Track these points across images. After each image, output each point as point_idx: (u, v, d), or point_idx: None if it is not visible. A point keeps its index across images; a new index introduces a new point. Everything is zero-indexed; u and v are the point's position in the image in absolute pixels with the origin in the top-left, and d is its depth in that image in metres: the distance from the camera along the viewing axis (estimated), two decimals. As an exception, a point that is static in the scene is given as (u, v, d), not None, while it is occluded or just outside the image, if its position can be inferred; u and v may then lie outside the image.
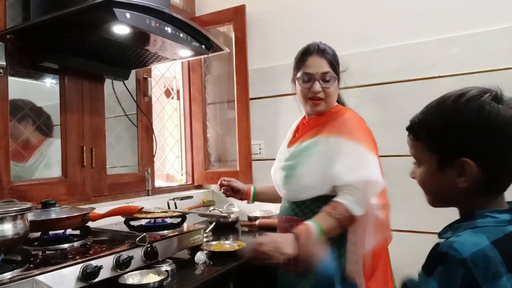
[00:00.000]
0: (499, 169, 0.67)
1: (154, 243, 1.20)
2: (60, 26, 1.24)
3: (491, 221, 0.66)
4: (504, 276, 0.59)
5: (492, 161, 0.66)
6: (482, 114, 0.67)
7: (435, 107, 0.74)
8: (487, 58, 1.63)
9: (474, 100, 0.70)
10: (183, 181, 2.35)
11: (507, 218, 0.66)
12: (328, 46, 1.38)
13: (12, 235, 0.91)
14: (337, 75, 1.35)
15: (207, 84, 2.38)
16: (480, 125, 0.66)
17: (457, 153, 0.68)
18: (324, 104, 1.35)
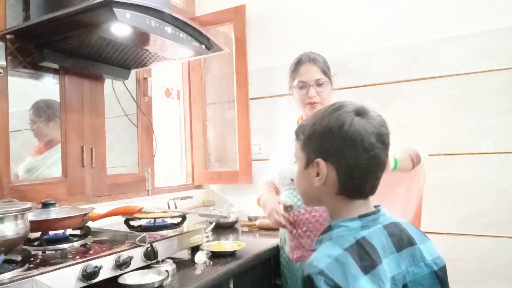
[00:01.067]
0: (348, 173, 0.75)
1: (154, 243, 1.20)
2: (60, 26, 1.23)
3: (344, 230, 0.74)
4: (361, 278, 0.65)
5: (342, 164, 0.75)
6: (339, 123, 0.75)
7: (316, 113, 0.83)
8: (487, 58, 1.63)
9: (341, 111, 0.77)
10: (183, 181, 2.35)
11: (358, 225, 0.74)
12: (318, 54, 1.49)
13: (12, 235, 0.91)
14: (329, 79, 1.47)
15: (207, 84, 2.38)
16: (335, 132, 0.75)
17: (317, 155, 0.77)
18: (320, 106, 1.43)
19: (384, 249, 0.71)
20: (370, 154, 0.73)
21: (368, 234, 0.73)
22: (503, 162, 1.60)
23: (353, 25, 1.91)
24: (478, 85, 1.64)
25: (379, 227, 0.75)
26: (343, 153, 0.74)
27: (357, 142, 0.73)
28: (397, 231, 0.76)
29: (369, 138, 0.73)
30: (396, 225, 0.77)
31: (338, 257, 0.68)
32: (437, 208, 1.70)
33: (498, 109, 1.61)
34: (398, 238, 0.74)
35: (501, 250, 1.58)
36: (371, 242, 0.71)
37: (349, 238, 0.72)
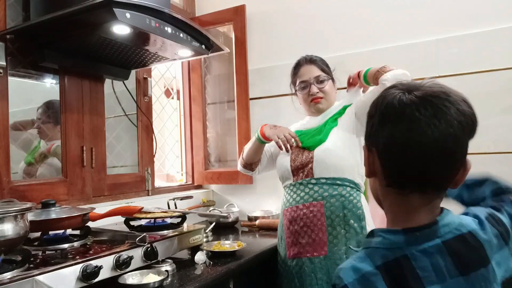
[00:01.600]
0: (389, 154, 0.61)
1: (154, 243, 1.20)
2: (60, 26, 1.24)
3: (382, 241, 0.61)
4: None
5: (381, 145, 0.61)
6: (380, 100, 0.63)
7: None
8: (487, 58, 1.63)
9: (389, 90, 0.64)
10: (183, 181, 2.35)
11: (402, 239, 0.60)
12: (315, 55, 1.54)
13: (12, 235, 0.91)
14: (330, 76, 1.51)
15: (207, 84, 2.38)
16: (376, 110, 0.63)
17: (365, 141, 0.67)
18: (324, 101, 1.49)
19: (439, 272, 0.57)
20: (410, 129, 0.58)
21: (414, 254, 0.58)
22: (503, 162, 1.60)
23: (353, 25, 1.91)
24: (478, 85, 1.64)
25: (436, 244, 0.59)
26: (379, 134, 0.61)
27: (390, 116, 0.60)
28: (464, 247, 0.59)
29: (406, 109, 0.58)
30: (465, 238, 0.60)
31: (367, 275, 0.58)
32: (437, 208, 1.70)
33: (498, 109, 1.61)
34: (464, 257, 0.58)
35: (501, 250, 1.58)
36: (413, 265, 0.57)
37: (387, 254, 0.59)
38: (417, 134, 0.58)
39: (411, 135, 0.58)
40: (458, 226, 0.61)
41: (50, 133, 1.54)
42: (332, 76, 1.53)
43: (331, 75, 1.52)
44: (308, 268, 1.34)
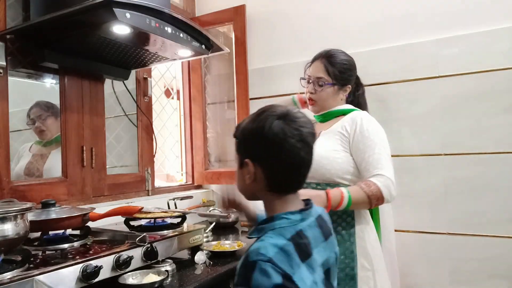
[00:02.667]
0: (273, 172, 0.82)
1: (154, 243, 1.20)
2: (60, 26, 1.24)
3: (286, 222, 0.80)
4: (301, 265, 0.73)
5: (267, 164, 0.82)
6: (260, 126, 0.82)
7: (249, 115, 0.91)
8: (487, 58, 1.63)
9: (263, 115, 0.85)
10: (183, 181, 2.35)
11: (298, 217, 0.81)
12: (340, 54, 1.44)
13: (12, 235, 0.91)
14: (339, 82, 1.41)
15: (207, 84, 2.38)
16: (258, 135, 0.83)
17: (246, 156, 0.85)
18: (316, 105, 1.45)
19: (316, 240, 0.81)
20: (291, 154, 0.80)
21: (304, 227, 0.81)
22: (503, 162, 1.60)
23: (353, 25, 1.91)
24: (478, 85, 1.64)
25: (312, 220, 0.84)
26: (266, 154, 0.82)
27: (277, 143, 0.80)
28: (323, 222, 0.86)
29: (289, 139, 0.80)
30: (322, 218, 0.88)
31: (284, 247, 0.74)
32: (437, 208, 1.70)
33: (498, 109, 1.61)
34: (324, 229, 0.85)
35: (501, 250, 1.58)
36: (306, 234, 0.79)
37: (291, 230, 0.79)
38: (295, 157, 0.81)
39: (291, 158, 0.81)
40: (316, 209, 0.88)
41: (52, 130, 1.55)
42: (344, 83, 1.43)
43: (340, 81, 1.42)
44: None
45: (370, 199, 1.23)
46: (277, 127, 0.80)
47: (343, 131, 1.35)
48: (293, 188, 0.86)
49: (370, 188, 1.24)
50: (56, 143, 1.55)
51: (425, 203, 1.73)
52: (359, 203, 1.25)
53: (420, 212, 1.72)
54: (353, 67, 1.46)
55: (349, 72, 1.43)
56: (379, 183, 1.24)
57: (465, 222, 1.65)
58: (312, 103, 1.45)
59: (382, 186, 1.24)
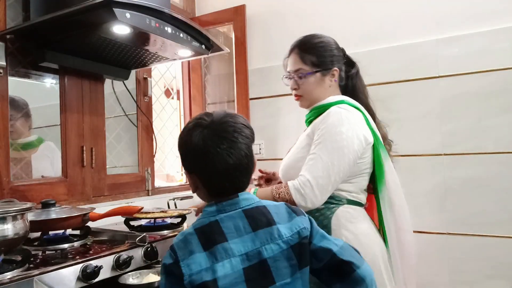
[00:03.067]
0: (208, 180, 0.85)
1: (154, 243, 1.20)
2: (60, 26, 1.24)
3: (203, 214, 0.84)
4: (197, 253, 0.77)
5: (201, 174, 0.85)
6: (183, 140, 0.86)
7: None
8: (487, 58, 1.63)
9: (185, 129, 0.86)
10: (183, 181, 2.35)
11: (214, 209, 0.83)
12: (312, 37, 1.31)
13: (12, 235, 0.91)
14: (320, 67, 1.27)
15: (207, 84, 2.38)
16: (184, 149, 0.86)
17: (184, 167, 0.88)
18: (304, 99, 1.32)
19: (238, 230, 0.81)
20: (215, 161, 0.81)
21: (222, 217, 0.82)
22: (503, 162, 1.60)
23: (353, 25, 1.91)
24: (478, 85, 1.64)
25: (237, 211, 0.83)
26: (196, 165, 0.85)
27: (200, 153, 0.82)
28: (257, 214, 0.84)
29: (210, 148, 0.81)
30: (259, 209, 0.85)
31: (187, 236, 0.81)
32: (437, 208, 1.70)
33: (498, 109, 1.61)
34: (256, 219, 0.83)
35: (501, 250, 1.58)
36: (221, 225, 0.81)
37: (204, 221, 0.82)
38: (221, 163, 0.82)
39: (217, 165, 0.82)
40: (257, 202, 0.86)
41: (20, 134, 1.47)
42: (327, 66, 1.28)
43: (322, 66, 1.27)
44: None
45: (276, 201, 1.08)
46: (196, 138, 0.82)
47: (311, 131, 1.23)
48: (232, 192, 0.86)
49: (279, 190, 1.14)
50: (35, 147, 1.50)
51: (425, 203, 1.73)
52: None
53: (420, 212, 1.72)
54: (331, 47, 1.30)
55: (327, 53, 1.28)
56: (291, 185, 1.12)
57: (465, 222, 1.65)
58: (298, 98, 1.33)
59: (292, 189, 1.11)
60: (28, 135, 1.49)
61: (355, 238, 1.14)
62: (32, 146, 1.50)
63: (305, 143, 1.24)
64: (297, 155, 1.26)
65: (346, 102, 1.24)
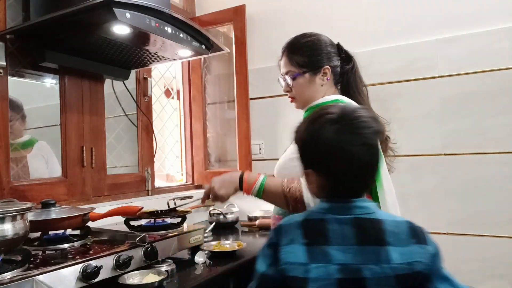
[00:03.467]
0: (335, 180, 0.81)
1: (154, 243, 1.20)
2: (60, 26, 1.24)
3: (317, 207, 0.84)
4: (297, 244, 0.77)
5: (328, 173, 0.81)
6: (314, 135, 0.81)
7: (302, 121, 0.89)
8: (487, 58, 1.63)
9: (316, 122, 0.82)
10: (183, 181, 2.35)
11: (326, 206, 0.81)
12: (299, 38, 1.30)
13: (12, 235, 0.91)
14: (309, 67, 1.26)
15: (207, 84, 2.38)
16: (313, 144, 0.82)
17: (307, 165, 0.85)
18: (297, 101, 1.32)
19: (344, 238, 0.76)
20: (352, 161, 0.78)
21: (331, 218, 0.79)
22: (503, 162, 1.60)
23: (353, 25, 1.91)
24: (478, 85, 1.64)
25: (349, 218, 0.78)
26: (322, 162, 0.81)
27: (331, 150, 0.78)
28: (369, 227, 0.77)
29: (343, 144, 0.77)
30: (373, 222, 0.78)
31: (295, 223, 0.81)
32: (437, 208, 1.70)
33: (498, 109, 1.61)
34: (366, 233, 0.77)
35: (501, 250, 1.58)
36: (327, 226, 0.78)
37: (315, 215, 0.82)
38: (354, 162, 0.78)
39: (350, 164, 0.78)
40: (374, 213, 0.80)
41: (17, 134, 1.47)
42: (316, 65, 1.26)
43: (310, 66, 1.25)
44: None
45: (285, 196, 1.10)
46: (332, 134, 0.77)
47: None
48: (358, 193, 0.82)
49: (290, 185, 1.10)
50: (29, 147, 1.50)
51: (425, 203, 1.73)
52: (273, 195, 1.13)
53: (420, 212, 1.72)
54: (319, 45, 1.28)
55: (314, 52, 1.26)
56: (304, 184, 1.08)
57: (465, 222, 1.65)
58: (292, 101, 1.34)
59: (304, 187, 1.07)
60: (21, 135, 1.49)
61: None
62: (30, 145, 1.50)
63: None
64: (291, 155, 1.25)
65: (340, 101, 1.23)
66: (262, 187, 1.13)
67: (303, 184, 1.10)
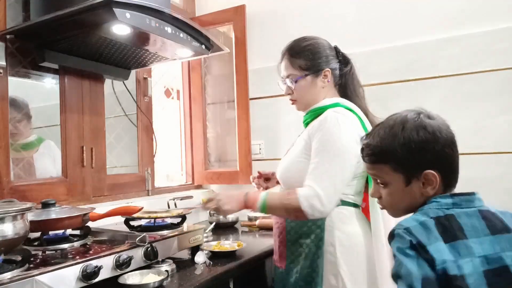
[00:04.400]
0: (450, 171, 0.84)
1: (154, 243, 1.20)
2: (60, 26, 1.24)
3: (435, 204, 0.81)
4: (440, 241, 0.74)
5: (445, 166, 0.83)
6: (428, 132, 0.83)
7: (388, 135, 0.88)
8: (487, 58, 1.63)
9: (416, 123, 0.86)
10: (183, 181, 2.35)
11: (450, 201, 0.81)
12: (299, 41, 1.31)
13: (12, 235, 0.91)
14: (310, 70, 1.28)
15: (207, 84, 2.38)
16: (429, 140, 0.82)
17: (420, 168, 0.83)
18: (298, 103, 1.33)
19: (476, 230, 0.77)
20: (454, 146, 0.84)
21: (458, 213, 0.78)
22: (503, 162, 1.60)
23: (353, 25, 1.91)
24: (478, 85, 1.64)
25: (473, 210, 0.80)
26: (443, 156, 0.82)
27: (446, 141, 0.82)
28: (492, 217, 0.80)
29: (446, 133, 0.83)
30: (492, 213, 0.81)
31: (424, 222, 0.77)
32: (437, 208, 1.70)
33: (498, 109, 1.61)
34: (493, 223, 0.79)
35: (501, 250, 1.58)
36: (458, 221, 0.77)
37: (438, 212, 0.79)
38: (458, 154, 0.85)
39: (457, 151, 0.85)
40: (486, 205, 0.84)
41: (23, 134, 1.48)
42: (316, 68, 1.28)
43: (311, 69, 1.28)
44: (276, 276, 1.35)
45: (286, 208, 1.16)
46: (441, 127, 0.84)
47: (307, 135, 1.24)
48: (457, 182, 0.86)
49: (289, 197, 1.15)
50: (36, 147, 1.51)
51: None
52: (276, 209, 1.20)
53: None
54: (319, 48, 1.30)
55: (316, 55, 1.28)
56: (301, 193, 1.13)
57: (465, 222, 1.65)
58: (293, 103, 1.35)
59: (301, 197, 1.12)
60: (28, 135, 1.49)
61: (347, 238, 1.19)
62: (32, 147, 1.50)
63: (302, 147, 1.26)
64: (294, 158, 1.28)
65: (341, 105, 1.25)
66: (265, 203, 1.19)
67: (300, 195, 1.13)
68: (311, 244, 1.22)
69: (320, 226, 1.21)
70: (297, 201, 1.13)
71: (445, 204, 0.80)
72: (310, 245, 1.22)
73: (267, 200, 1.19)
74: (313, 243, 1.22)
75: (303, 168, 1.20)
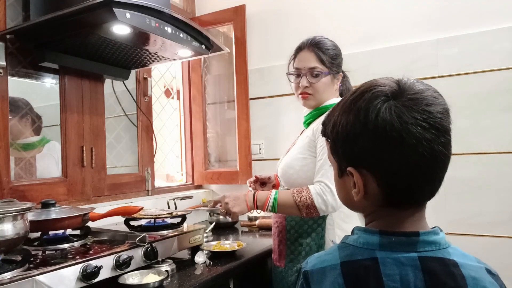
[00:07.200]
0: (391, 181, 0.56)
1: (154, 243, 1.20)
2: (60, 26, 1.24)
3: (358, 240, 0.59)
4: None
5: (381, 171, 0.56)
6: (363, 117, 0.55)
7: (337, 104, 0.64)
8: (487, 58, 1.63)
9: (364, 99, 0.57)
10: (183, 181, 2.35)
11: (376, 241, 0.57)
12: (326, 40, 1.35)
13: (12, 235, 0.91)
14: (332, 69, 1.31)
15: (207, 84, 2.38)
16: (360, 130, 0.56)
17: (348, 162, 0.59)
18: (313, 98, 1.32)
19: (405, 285, 0.53)
20: (417, 150, 0.53)
21: (386, 259, 0.55)
22: (503, 162, 1.60)
23: (353, 25, 1.91)
24: (478, 85, 1.64)
25: (411, 256, 0.54)
26: (378, 157, 0.55)
27: (394, 139, 0.53)
28: (441, 270, 0.54)
29: (411, 129, 0.53)
30: (445, 262, 0.55)
31: (326, 269, 0.57)
32: (437, 208, 1.70)
33: (498, 109, 1.61)
34: (437, 280, 0.53)
35: (501, 250, 1.58)
36: (380, 269, 0.54)
37: (356, 252, 0.57)
38: (427, 155, 0.54)
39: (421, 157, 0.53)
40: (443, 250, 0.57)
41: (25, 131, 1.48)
42: (337, 70, 1.33)
43: (334, 68, 1.31)
44: (275, 275, 1.36)
45: (297, 205, 1.16)
46: (391, 114, 0.53)
47: (312, 133, 1.26)
48: (423, 198, 0.59)
49: (300, 194, 1.17)
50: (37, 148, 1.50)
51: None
52: (287, 207, 1.19)
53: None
54: (341, 53, 1.36)
55: (339, 58, 1.34)
56: (312, 190, 1.15)
57: (465, 222, 1.65)
58: (306, 97, 1.31)
59: (313, 194, 1.15)
60: (29, 135, 1.49)
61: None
62: (33, 147, 1.50)
63: (306, 144, 1.27)
64: (297, 155, 1.28)
65: None
66: (276, 202, 1.20)
67: (313, 191, 1.15)
68: (312, 243, 1.23)
69: (321, 225, 1.23)
70: (309, 198, 1.15)
71: (369, 244, 0.57)
72: (310, 243, 1.24)
73: (278, 199, 1.20)
74: (313, 242, 1.23)
75: (307, 164, 1.23)
